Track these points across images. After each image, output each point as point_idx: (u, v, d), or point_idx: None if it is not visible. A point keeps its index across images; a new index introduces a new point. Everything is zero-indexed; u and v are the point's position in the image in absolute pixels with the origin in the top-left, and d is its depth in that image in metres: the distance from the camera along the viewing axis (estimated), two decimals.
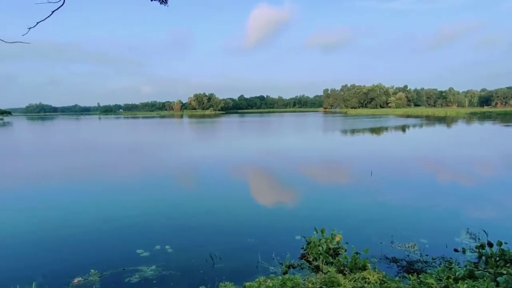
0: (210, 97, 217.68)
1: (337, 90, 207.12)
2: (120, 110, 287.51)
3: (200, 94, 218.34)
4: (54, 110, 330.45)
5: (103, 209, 10.19)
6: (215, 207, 10.27)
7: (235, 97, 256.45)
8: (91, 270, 5.80)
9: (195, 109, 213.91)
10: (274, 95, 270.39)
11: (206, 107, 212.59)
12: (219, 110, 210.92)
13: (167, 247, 6.98)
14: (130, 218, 9.24)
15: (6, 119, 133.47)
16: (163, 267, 6.06)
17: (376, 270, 5.07)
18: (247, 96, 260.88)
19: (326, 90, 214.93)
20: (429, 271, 5.19)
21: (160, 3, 5.21)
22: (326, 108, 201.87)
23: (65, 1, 4.92)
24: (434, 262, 6.04)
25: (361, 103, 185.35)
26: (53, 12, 4.94)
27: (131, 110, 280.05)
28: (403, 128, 44.24)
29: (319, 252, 6.08)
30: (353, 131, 40.37)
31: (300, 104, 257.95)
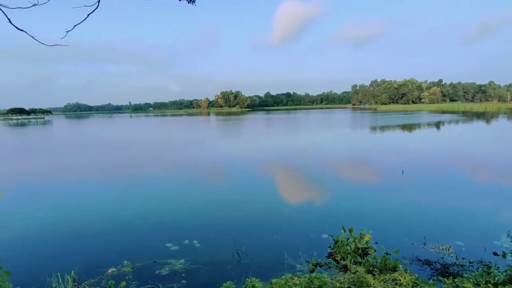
0: (236, 95, 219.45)
1: (366, 86, 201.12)
2: (150, 108, 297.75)
3: (226, 91, 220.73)
4: (89, 109, 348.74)
5: (135, 203, 10.62)
6: (242, 203, 10.36)
7: (261, 94, 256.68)
8: (124, 262, 6.07)
9: (221, 106, 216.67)
10: (300, 91, 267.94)
11: (232, 104, 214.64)
12: (245, 107, 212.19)
13: (194, 241, 7.16)
14: (160, 212, 9.57)
15: (47, 118, 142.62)
16: (191, 261, 6.22)
17: (408, 272, 4.88)
18: (273, 93, 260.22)
19: (354, 86, 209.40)
20: (465, 275, 4.92)
21: (188, 2, 5.29)
22: (354, 105, 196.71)
23: (99, 4, 5.15)
24: (471, 266, 5.71)
25: (391, 99, 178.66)
26: (88, 15, 5.19)
27: (160, 108, 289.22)
28: (437, 125, 42.08)
29: (347, 252, 5.95)
30: (383, 128, 39.02)
31: (328, 100, 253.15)
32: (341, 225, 6.70)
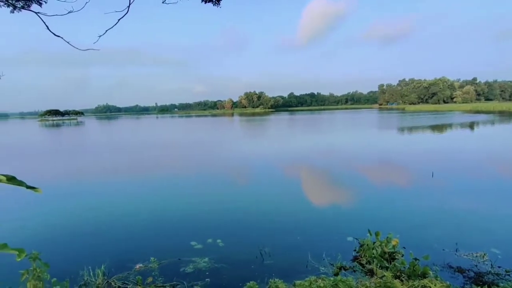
0: (260, 95, 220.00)
1: (394, 85, 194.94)
2: (175, 109, 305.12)
3: (250, 92, 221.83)
4: (118, 110, 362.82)
5: (162, 201, 10.92)
6: (265, 203, 10.36)
7: (285, 94, 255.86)
8: (151, 258, 6.26)
9: (245, 107, 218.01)
10: (325, 92, 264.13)
11: (256, 105, 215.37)
12: (269, 108, 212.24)
13: (218, 240, 7.24)
14: (185, 211, 9.77)
15: (80, 119, 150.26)
16: (215, 260, 6.30)
17: (439, 279, 4.67)
18: (297, 93, 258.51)
19: (381, 86, 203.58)
20: (501, 284, 4.63)
21: (213, 5, 5.38)
22: (381, 105, 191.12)
23: (129, 10, 5.35)
24: (508, 275, 5.37)
25: (421, 99, 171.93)
26: (119, 20, 5.40)
27: (185, 109, 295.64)
28: (471, 125, 39.96)
29: (373, 255, 5.79)
30: (411, 129, 37.60)
31: (353, 100, 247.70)
32: (366, 228, 6.53)
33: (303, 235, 7.50)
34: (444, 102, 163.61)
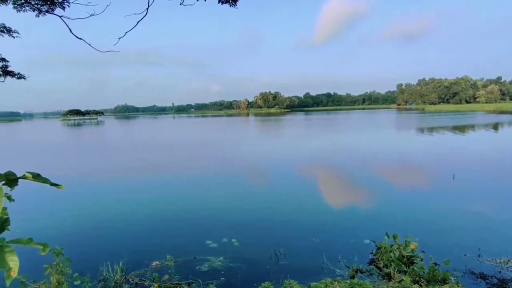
0: (275, 95, 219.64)
1: (413, 85, 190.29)
2: (192, 109, 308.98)
3: (265, 92, 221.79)
4: (136, 110, 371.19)
5: (178, 200, 11.09)
6: (281, 204, 10.33)
7: (301, 94, 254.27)
8: (167, 256, 6.36)
9: (260, 107, 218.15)
10: (341, 92, 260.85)
11: (271, 105, 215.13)
12: (284, 108, 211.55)
13: (233, 240, 7.27)
14: (200, 210, 9.87)
15: (100, 118, 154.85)
16: (230, 259, 6.33)
17: (460, 284, 4.52)
18: (313, 93, 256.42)
19: (400, 85, 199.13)
20: None
21: (230, 6, 5.41)
22: (400, 105, 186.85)
23: (147, 12, 5.46)
24: None
25: (441, 98, 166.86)
26: (138, 22, 5.52)
27: (201, 109, 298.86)
28: (495, 126, 38.44)
29: (390, 259, 5.66)
30: (431, 129, 36.56)
31: (370, 100, 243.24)
32: (383, 231, 6.39)
33: (319, 236, 7.43)
34: (467, 102, 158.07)
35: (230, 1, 5.50)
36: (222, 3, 5.51)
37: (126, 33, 5.70)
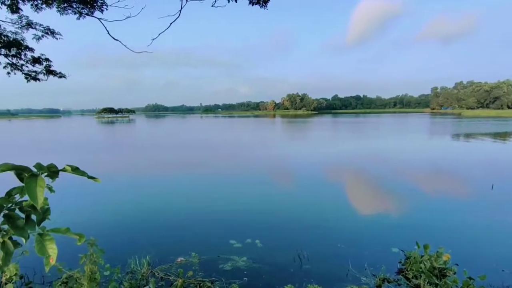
0: (303, 97, 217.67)
1: (449, 88, 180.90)
2: (219, 109, 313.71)
3: (293, 94, 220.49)
4: (166, 109, 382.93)
5: (204, 199, 11.27)
6: (306, 207, 10.19)
7: (329, 96, 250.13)
8: (192, 253, 6.48)
9: (287, 109, 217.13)
10: (371, 94, 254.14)
11: (298, 107, 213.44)
12: (311, 110, 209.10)
13: (257, 241, 7.28)
14: (225, 210, 9.97)
15: (131, 116, 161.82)
16: (253, 260, 6.34)
17: None
18: (341, 95, 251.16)
19: (434, 88, 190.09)
20: None
21: (260, 7, 5.43)
22: (434, 109, 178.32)
23: (180, 14, 5.61)
24: None
25: (480, 103, 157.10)
26: (171, 24, 5.70)
27: (228, 109, 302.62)
28: None
29: (420, 270, 5.40)
30: (468, 136, 34.56)
31: (402, 104, 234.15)
32: (413, 240, 6.11)
33: (344, 242, 7.25)
34: (508, 107, 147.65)
35: (261, 2, 5.53)
36: (253, 4, 5.55)
37: (159, 34, 5.90)
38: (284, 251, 6.80)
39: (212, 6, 5.75)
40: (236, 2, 5.59)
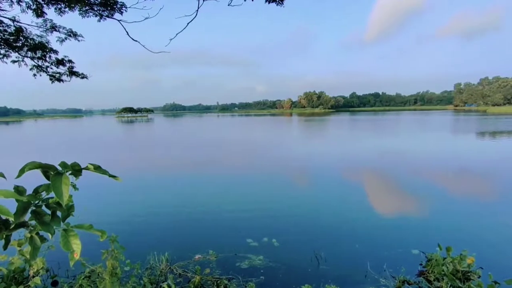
0: (319, 95, 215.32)
1: (474, 84, 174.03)
2: (235, 108, 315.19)
3: (309, 92, 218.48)
4: (183, 108, 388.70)
5: (222, 198, 11.38)
6: (324, 207, 10.09)
7: (347, 94, 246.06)
8: (210, 251, 6.55)
9: (304, 107, 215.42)
10: (391, 91, 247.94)
11: (315, 105, 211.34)
12: (329, 108, 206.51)
13: (273, 240, 7.27)
14: (242, 209, 10.02)
15: (150, 116, 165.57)
16: (270, 259, 6.34)
17: None
18: (359, 93, 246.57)
19: (458, 85, 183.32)
20: None
21: (277, 5, 5.40)
22: (457, 106, 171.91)
23: (197, 13, 5.66)
24: None
25: (507, 100, 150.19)
26: (188, 23, 5.76)
27: (244, 108, 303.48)
28: None
29: (442, 273, 5.24)
30: (495, 134, 33.14)
31: (423, 101, 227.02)
32: (434, 242, 5.94)
33: (363, 243, 7.13)
34: None
35: (277, 0, 5.49)
36: (269, 2, 5.52)
37: (176, 34, 5.98)
38: (301, 251, 6.77)
39: (228, 5, 5.78)
40: (253, 0, 5.59)
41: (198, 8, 5.73)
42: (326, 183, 13.32)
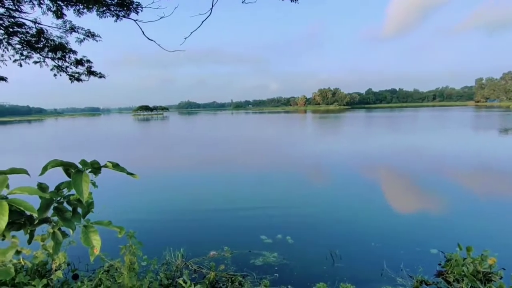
0: (334, 92, 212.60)
1: (496, 79, 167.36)
2: (249, 106, 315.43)
3: (324, 88, 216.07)
4: (197, 106, 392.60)
5: (236, 195, 11.45)
6: (339, 204, 10.00)
7: (363, 91, 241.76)
8: (224, 247, 6.61)
9: (318, 104, 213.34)
10: (408, 87, 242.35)
11: (330, 102, 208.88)
12: (344, 105, 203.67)
13: (287, 237, 7.26)
14: (257, 206, 10.05)
15: (165, 114, 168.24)
16: (284, 256, 6.34)
17: None
18: (375, 89, 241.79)
19: (479, 80, 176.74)
20: None
21: (291, 1, 5.35)
22: (478, 102, 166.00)
23: (211, 12, 5.69)
24: None
25: None
26: (202, 22, 5.79)
27: (258, 105, 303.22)
28: None
29: (462, 273, 5.09)
30: None
31: (442, 97, 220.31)
32: (454, 241, 5.77)
33: (379, 241, 7.02)
34: None
35: None
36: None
37: (191, 33, 6.02)
38: (315, 248, 6.73)
39: (242, 2, 5.78)
40: None
41: (213, 6, 5.75)
42: (341, 180, 13.17)
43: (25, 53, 7.47)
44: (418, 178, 13.31)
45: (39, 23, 7.14)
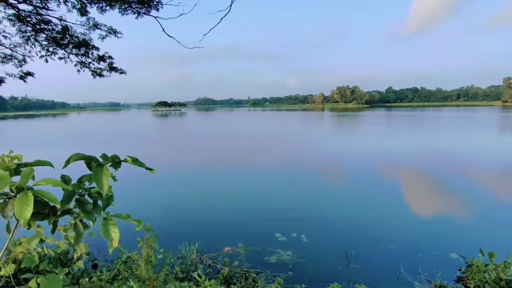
0: (353, 90, 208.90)
1: None
2: (266, 103, 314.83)
3: (343, 86, 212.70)
4: (215, 103, 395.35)
5: (252, 192, 11.51)
6: (356, 204, 9.84)
7: (382, 89, 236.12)
8: (239, 244, 6.65)
9: (337, 102, 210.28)
10: (431, 86, 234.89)
11: (349, 100, 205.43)
12: (363, 103, 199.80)
13: (302, 236, 7.22)
14: (272, 204, 10.06)
15: (183, 110, 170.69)
16: (298, 254, 6.31)
17: None
18: (396, 88, 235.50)
19: (507, 79, 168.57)
20: None
21: None
22: (506, 102, 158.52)
23: (231, 9, 5.69)
24: None
25: None
26: (221, 19, 5.81)
27: (275, 102, 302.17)
28: None
29: (484, 280, 4.91)
30: None
31: (467, 97, 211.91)
32: (475, 247, 5.59)
33: (396, 244, 6.87)
34: None
35: None
36: None
37: (210, 29, 6.04)
38: (330, 248, 6.67)
39: None
40: None
41: (232, 3, 5.75)
42: (359, 180, 12.95)
43: (51, 49, 7.73)
44: (440, 180, 12.90)
45: (64, 20, 7.38)
